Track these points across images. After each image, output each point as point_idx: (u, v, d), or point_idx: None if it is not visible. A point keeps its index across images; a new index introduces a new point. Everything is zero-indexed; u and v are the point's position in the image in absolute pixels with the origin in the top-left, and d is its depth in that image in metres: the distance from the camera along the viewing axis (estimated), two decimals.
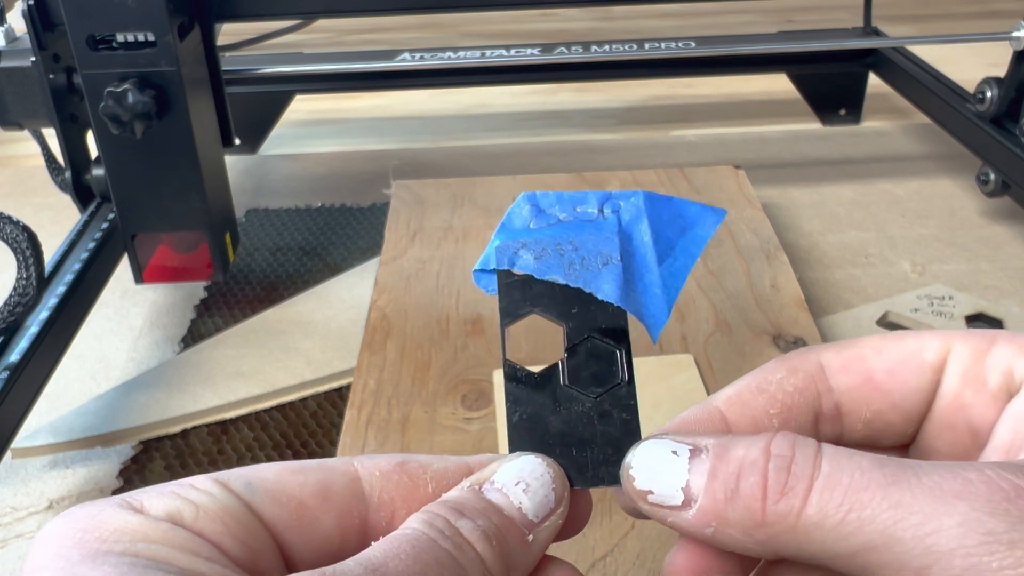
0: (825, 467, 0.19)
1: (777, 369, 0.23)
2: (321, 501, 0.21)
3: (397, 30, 1.18)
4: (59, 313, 0.52)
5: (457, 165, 0.86)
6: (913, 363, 0.22)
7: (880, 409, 0.22)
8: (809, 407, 0.22)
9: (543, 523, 0.21)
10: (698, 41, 0.79)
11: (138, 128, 0.54)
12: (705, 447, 0.20)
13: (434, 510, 0.20)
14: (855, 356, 0.23)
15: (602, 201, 0.24)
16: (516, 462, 0.22)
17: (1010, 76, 0.69)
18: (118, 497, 0.20)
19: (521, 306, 0.23)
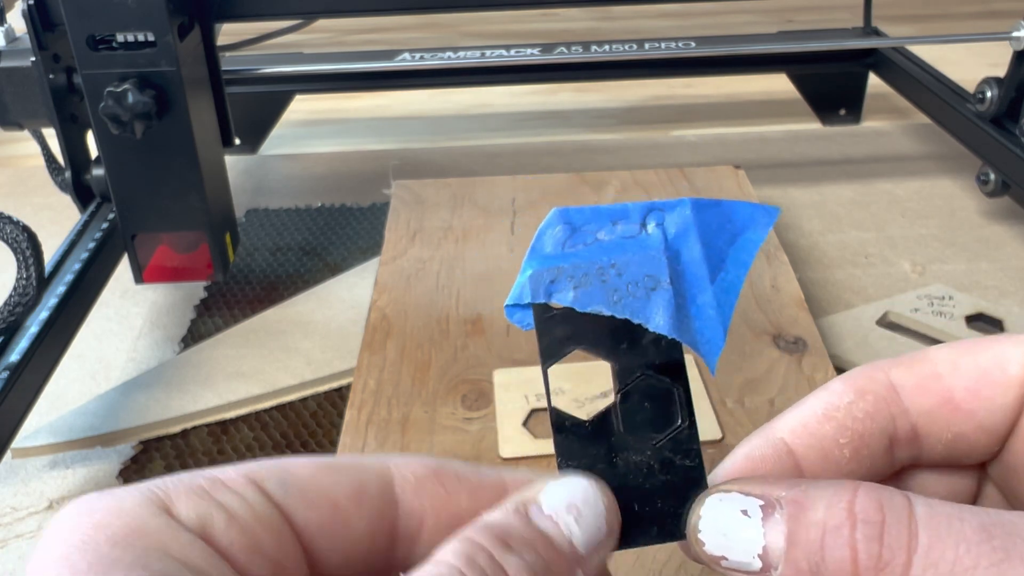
0: (923, 538, 0.17)
1: (844, 392, 0.21)
2: (355, 504, 0.19)
3: (397, 30, 1.18)
4: (59, 313, 0.52)
5: (457, 165, 0.86)
6: (995, 378, 0.20)
7: (962, 431, 0.20)
8: (883, 432, 0.20)
9: (592, 557, 0.19)
10: (698, 41, 0.79)
11: (138, 128, 0.54)
12: (778, 501, 0.18)
13: (475, 538, 0.18)
14: (929, 374, 0.20)
15: (644, 214, 0.21)
16: (566, 483, 0.19)
17: (1010, 76, 0.69)
18: (146, 486, 0.18)
19: (564, 344, 0.20)
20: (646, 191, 0.69)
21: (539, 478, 0.20)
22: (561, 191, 0.70)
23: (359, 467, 0.20)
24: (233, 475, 0.19)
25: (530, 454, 0.45)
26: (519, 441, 0.46)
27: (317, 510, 0.19)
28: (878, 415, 0.20)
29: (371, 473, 0.20)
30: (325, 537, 0.19)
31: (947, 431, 0.20)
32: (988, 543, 0.16)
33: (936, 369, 0.20)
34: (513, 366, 0.51)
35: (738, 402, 0.49)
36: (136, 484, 0.18)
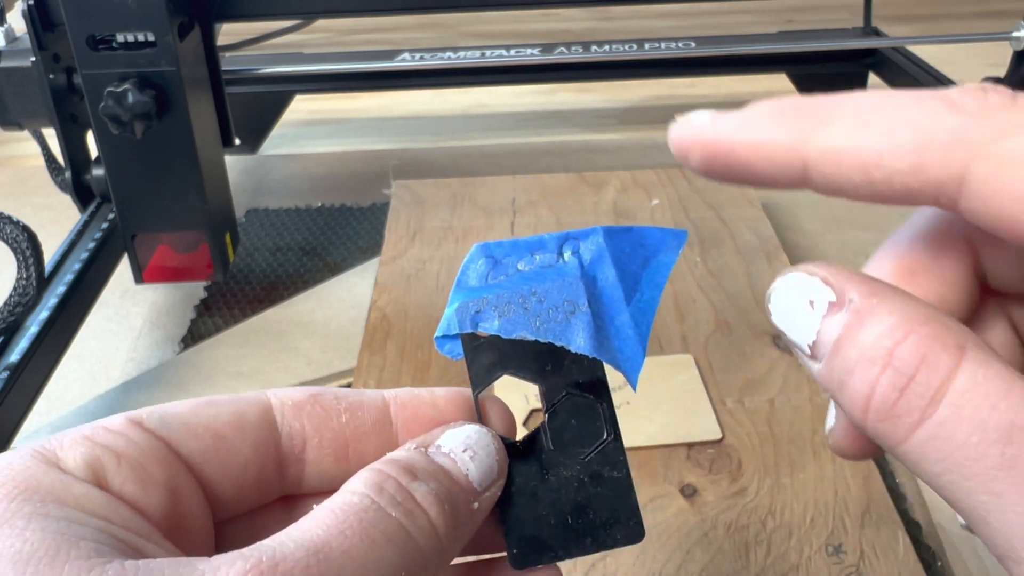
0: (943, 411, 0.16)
1: (905, 155, 0.17)
2: (236, 431, 0.21)
3: (397, 30, 1.18)
4: (59, 313, 0.52)
5: (457, 165, 0.86)
6: None
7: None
8: (911, 202, 0.18)
9: (486, 492, 0.21)
10: (698, 41, 0.79)
11: (138, 128, 0.54)
12: (849, 301, 0.18)
13: (384, 470, 0.19)
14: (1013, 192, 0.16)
15: (560, 243, 0.22)
16: (462, 429, 0.21)
17: (1010, 76, 0.69)
18: (30, 446, 0.19)
19: (492, 370, 0.22)
20: (646, 191, 0.69)
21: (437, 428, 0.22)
22: (561, 191, 0.70)
23: (236, 399, 0.21)
24: (114, 419, 0.20)
25: None
26: None
27: (199, 439, 0.20)
28: (920, 194, 0.18)
29: (249, 403, 0.21)
30: (212, 464, 0.20)
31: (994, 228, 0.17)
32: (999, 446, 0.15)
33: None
34: None
35: (738, 402, 0.49)
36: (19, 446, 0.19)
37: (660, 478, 0.44)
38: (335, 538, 0.17)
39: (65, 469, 0.18)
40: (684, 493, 0.43)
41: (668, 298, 0.57)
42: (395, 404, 0.22)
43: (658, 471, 0.44)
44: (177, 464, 0.20)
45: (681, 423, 0.47)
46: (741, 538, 0.41)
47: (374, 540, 0.18)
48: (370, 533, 0.18)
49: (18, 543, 0.16)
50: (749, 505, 0.42)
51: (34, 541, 0.16)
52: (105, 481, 0.19)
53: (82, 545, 0.16)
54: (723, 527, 0.41)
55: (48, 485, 0.18)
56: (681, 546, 0.40)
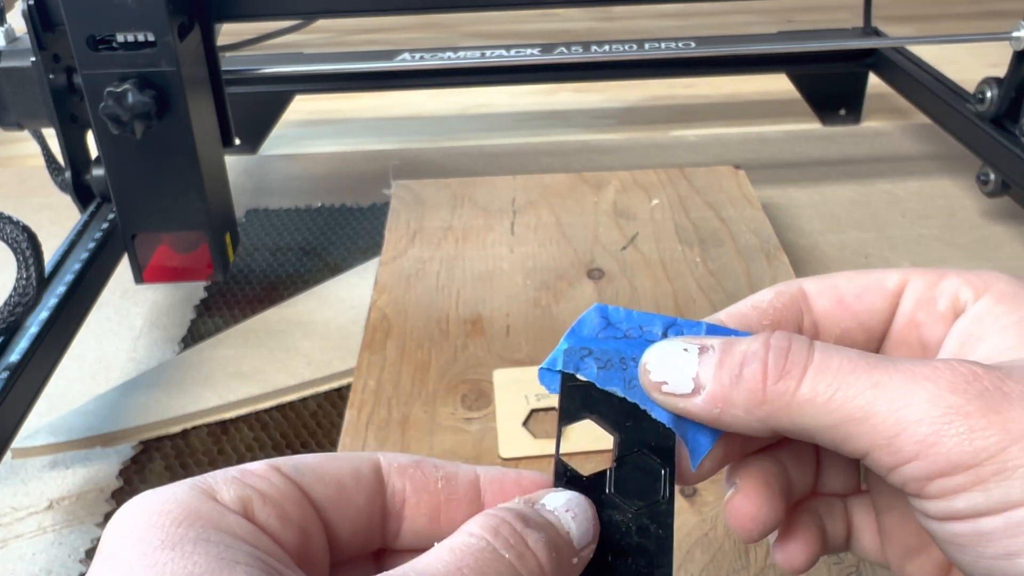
0: (817, 356, 0.22)
1: (767, 292, 0.26)
2: (354, 482, 0.23)
3: (397, 30, 1.18)
4: (59, 313, 0.52)
5: (457, 165, 0.86)
6: (876, 288, 0.26)
7: (848, 328, 0.26)
8: (794, 322, 0.26)
9: (583, 551, 0.22)
10: (698, 41, 0.79)
11: (138, 128, 0.54)
12: (711, 346, 0.23)
13: (500, 515, 0.21)
14: (830, 284, 0.26)
15: (667, 326, 0.25)
16: (563, 493, 0.23)
17: (1010, 76, 0.69)
18: (191, 480, 0.21)
19: (580, 411, 0.24)
20: (646, 191, 0.69)
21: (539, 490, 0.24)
22: (561, 191, 0.70)
23: (353, 456, 0.24)
24: (257, 465, 0.22)
25: (530, 454, 0.45)
26: (519, 441, 0.46)
27: (327, 487, 0.23)
28: (791, 308, 0.26)
29: (363, 460, 0.24)
30: (335, 509, 0.23)
31: (838, 327, 0.26)
32: (863, 359, 0.22)
33: (836, 281, 0.26)
34: (513, 366, 0.51)
35: None
36: (181, 480, 0.21)
37: None
38: (453, 573, 0.19)
39: (221, 502, 0.21)
40: (684, 493, 0.43)
41: (668, 298, 0.57)
42: (485, 478, 0.24)
43: None
44: (308, 507, 0.22)
45: None
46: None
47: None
48: (485, 571, 0.20)
49: (188, 564, 0.18)
50: None
51: (200, 563, 0.18)
52: (253, 515, 0.21)
53: (238, 569, 0.19)
54: (723, 527, 0.41)
55: (207, 513, 0.20)
56: (681, 546, 0.40)
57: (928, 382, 0.21)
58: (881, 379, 0.21)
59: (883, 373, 0.21)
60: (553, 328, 0.55)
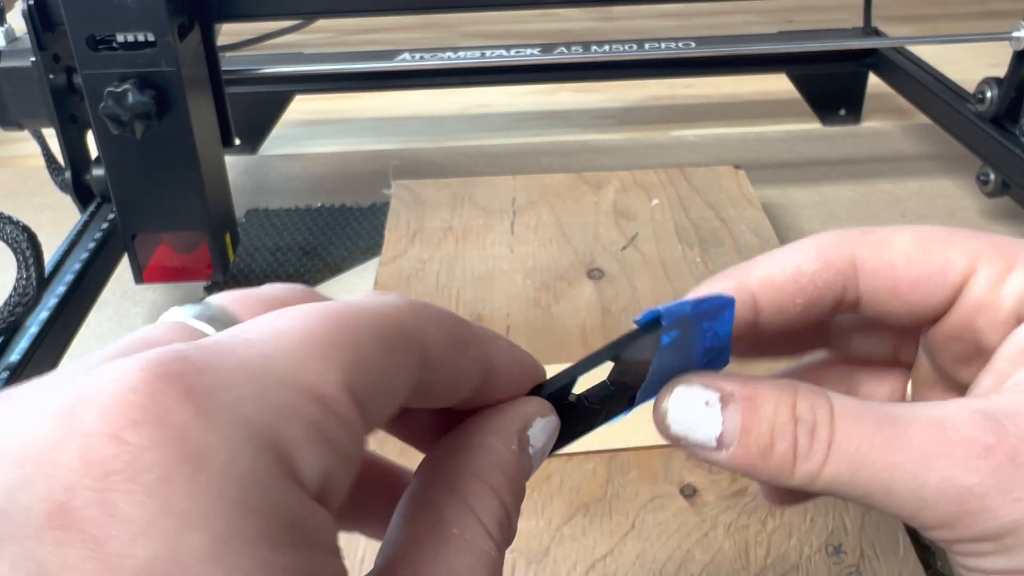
0: (837, 434, 0.21)
1: (814, 259, 0.24)
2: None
3: (397, 30, 1.18)
4: (59, 313, 0.52)
5: (457, 165, 0.86)
6: (938, 280, 0.24)
7: (896, 313, 0.24)
8: (833, 299, 0.24)
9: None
10: (698, 41, 0.79)
11: (138, 128, 0.54)
12: (731, 395, 0.22)
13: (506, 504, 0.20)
14: (887, 262, 0.24)
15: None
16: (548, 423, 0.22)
17: (1010, 76, 0.69)
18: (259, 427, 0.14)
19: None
20: (646, 191, 0.69)
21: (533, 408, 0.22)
22: (561, 191, 0.70)
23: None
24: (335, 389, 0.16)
25: None
26: None
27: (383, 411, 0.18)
28: (835, 285, 0.24)
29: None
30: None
31: (883, 309, 0.24)
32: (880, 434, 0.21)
33: (894, 259, 0.24)
34: None
35: None
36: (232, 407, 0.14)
37: (660, 478, 0.44)
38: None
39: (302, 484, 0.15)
40: (684, 493, 0.43)
41: (668, 298, 0.57)
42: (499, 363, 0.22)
43: (658, 471, 0.44)
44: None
45: None
46: (741, 538, 0.41)
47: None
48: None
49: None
50: (749, 505, 0.42)
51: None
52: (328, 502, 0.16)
53: None
54: (723, 527, 0.41)
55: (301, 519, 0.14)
56: (681, 546, 0.40)
57: (942, 459, 0.21)
58: (896, 459, 0.21)
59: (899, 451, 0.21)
60: (553, 328, 0.55)
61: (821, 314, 0.25)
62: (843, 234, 0.24)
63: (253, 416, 0.14)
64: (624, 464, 0.44)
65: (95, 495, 0.13)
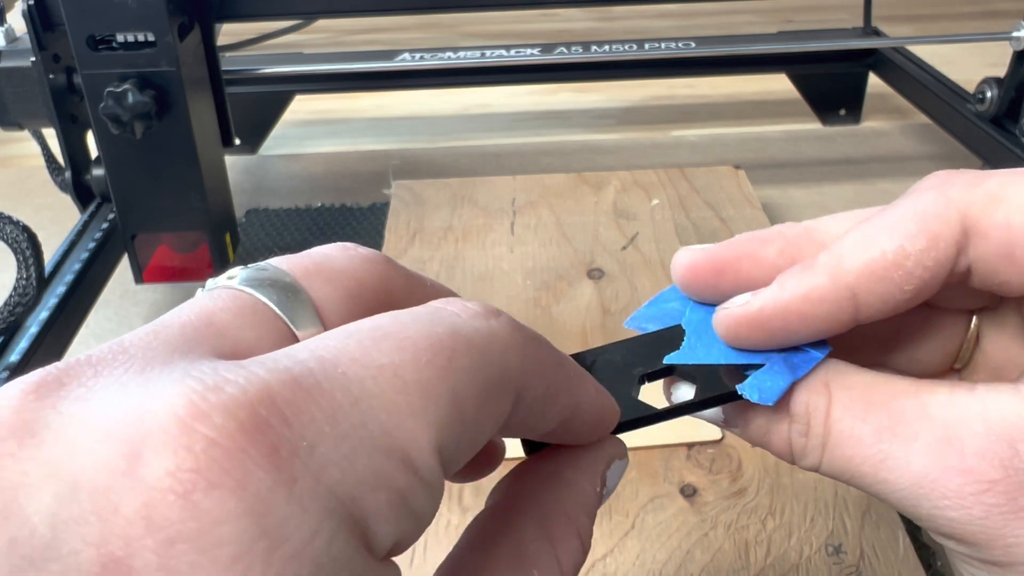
0: (831, 439, 0.21)
1: (917, 236, 0.20)
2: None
3: (397, 30, 1.18)
4: (59, 313, 0.52)
5: (457, 165, 0.86)
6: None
7: (1008, 279, 0.21)
8: (943, 277, 0.21)
9: None
10: (698, 41, 0.79)
11: (138, 128, 0.54)
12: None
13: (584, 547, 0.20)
14: (1001, 223, 0.20)
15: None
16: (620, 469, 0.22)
17: (1010, 76, 0.69)
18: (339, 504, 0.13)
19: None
20: (646, 191, 0.69)
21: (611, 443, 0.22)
22: (561, 191, 0.70)
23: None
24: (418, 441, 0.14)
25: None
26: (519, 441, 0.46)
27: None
28: (946, 263, 0.20)
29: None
30: None
31: (996, 279, 0.21)
32: (877, 445, 0.20)
33: (1009, 218, 0.20)
34: None
35: None
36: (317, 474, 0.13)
37: (660, 478, 0.44)
38: None
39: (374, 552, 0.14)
40: (684, 493, 0.43)
41: None
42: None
43: (658, 471, 0.44)
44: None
45: (681, 423, 0.46)
46: (741, 538, 0.41)
47: None
48: None
49: None
50: (749, 505, 0.42)
51: None
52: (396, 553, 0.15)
53: None
54: (723, 527, 0.41)
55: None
56: (681, 546, 0.40)
57: (937, 487, 0.19)
58: (889, 478, 0.20)
59: (891, 471, 0.20)
60: (553, 328, 0.55)
61: (930, 295, 0.21)
62: (944, 192, 0.21)
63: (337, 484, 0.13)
64: None
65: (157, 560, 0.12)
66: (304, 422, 0.13)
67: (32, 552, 0.12)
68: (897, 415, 0.20)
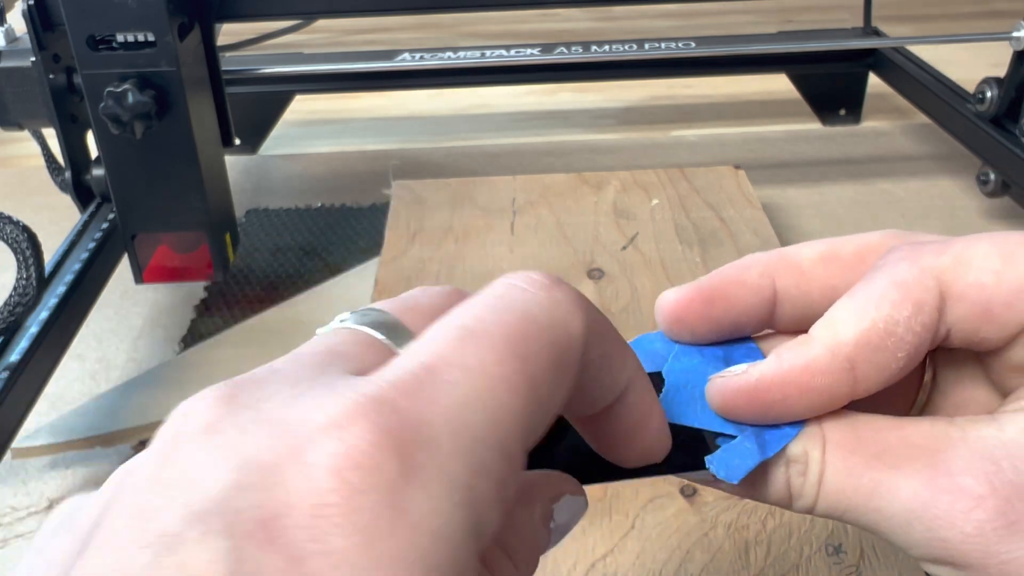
0: (826, 475, 0.21)
1: (902, 304, 0.21)
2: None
3: (397, 30, 1.18)
4: (59, 313, 0.52)
5: (457, 165, 0.86)
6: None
7: (988, 338, 0.22)
8: (929, 341, 0.21)
9: None
10: (698, 41, 0.79)
11: (138, 128, 0.54)
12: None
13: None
14: (974, 283, 0.21)
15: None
16: (573, 503, 0.22)
17: (1010, 76, 0.69)
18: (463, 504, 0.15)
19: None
20: (646, 191, 0.69)
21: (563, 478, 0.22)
22: (561, 191, 0.70)
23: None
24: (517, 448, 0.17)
25: None
26: None
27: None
28: (932, 326, 0.21)
29: None
30: None
31: (973, 337, 0.22)
32: (868, 474, 0.21)
33: (981, 279, 0.21)
34: None
35: None
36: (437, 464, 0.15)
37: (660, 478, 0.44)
38: None
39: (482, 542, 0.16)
40: (684, 493, 0.43)
41: None
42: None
43: None
44: None
45: None
46: (741, 538, 0.41)
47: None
48: None
49: None
50: (749, 505, 0.42)
51: None
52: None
53: None
54: (723, 527, 0.41)
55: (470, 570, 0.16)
56: (681, 546, 0.40)
57: (928, 509, 0.20)
58: (880, 506, 0.21)
59: (883, 498, 0.21)
60: None
61: (918, 361, 0.22)
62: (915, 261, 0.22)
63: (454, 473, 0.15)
64: None
65: (309, 519, 0.14)
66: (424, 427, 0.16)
67: (204, 508, 0.14)
68: (883, 445, 0.21)
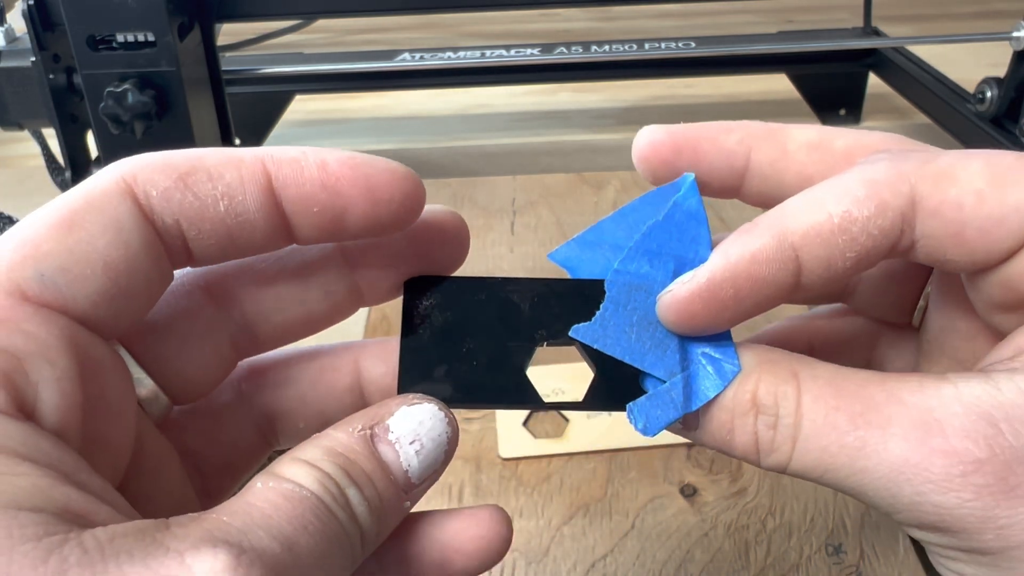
0: (803, 430, 0.20)
1: (865, 202, 0.20)
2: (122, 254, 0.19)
3: (397, 30, 1.18)
4: None
5: (457, 165, 0.86)
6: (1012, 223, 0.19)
7: (954, 259, 0.20)
8: (887, 248, 0.20)
9: (421, 487, 0.20)
10: (698, 41, 0.79)
11: (138, 128, 0.54)
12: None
13: (324, 467, 0.18)
14: (953, 201, 0.20)
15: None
16: (419, 411, 0.21)
17: (1010, 76, 0.69)
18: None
19: None
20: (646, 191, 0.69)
21: (394, 400, 0.21)
22: (561, 191, 0.70)
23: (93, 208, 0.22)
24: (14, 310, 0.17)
25: (530, 454, 0.45)
26: (519, 441, 0.46)
27: (89, 282, 0.19)
28: (891, 233, 0.20)
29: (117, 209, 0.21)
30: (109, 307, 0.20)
31: (939, 257, 0.20)
32: (853, 432, 0.19)
33: (960, 198, 0.20)
34: None
35: None
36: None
37: (660, 478, 0.44)
38: (301, 535, 0.17)
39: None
40: (684, 493, 0.43)
41: None
42: (273, 164, 0.20)
43: (658, 471, 0.44)
44: (78, 332, 0.18)
45: None
46: (741, 538, 0.41)
47: (329, 540, 0.17)
48: (325, 533, 0.17)
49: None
50: (749, 505, 0.42)
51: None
52: (22, 402, 0.15)
53: (24, 519, 0.13)
54: (723, 527, 0.41)
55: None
56: (681, 546, 0.40)
57: (919, 472, 0.19)
58: (867, 466, 0.19)
59: (870, 458, 0.19)
60: None
61: (871, 265, 0.21)
62: (896, 164, 0.20)
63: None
64: (624, 464, 0.45)
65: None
66: None
67: None
68: (868, 402, 0.20)
